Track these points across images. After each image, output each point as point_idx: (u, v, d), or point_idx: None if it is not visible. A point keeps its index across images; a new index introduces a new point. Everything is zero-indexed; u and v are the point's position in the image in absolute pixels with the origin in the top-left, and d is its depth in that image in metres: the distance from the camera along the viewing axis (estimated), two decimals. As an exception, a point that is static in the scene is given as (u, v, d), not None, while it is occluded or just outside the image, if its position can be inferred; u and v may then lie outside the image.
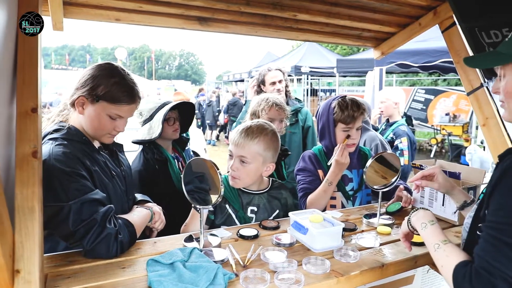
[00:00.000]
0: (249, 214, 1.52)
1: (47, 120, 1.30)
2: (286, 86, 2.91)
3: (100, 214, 1.12)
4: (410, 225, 1.08)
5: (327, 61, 11.02)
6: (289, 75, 11.24)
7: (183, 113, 2.03)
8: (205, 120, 11.33)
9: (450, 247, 0.90)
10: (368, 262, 1.16)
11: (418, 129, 9.78)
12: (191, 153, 2.22)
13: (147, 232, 1.48)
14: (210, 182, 1.26)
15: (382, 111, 3.03)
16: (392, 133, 2.86)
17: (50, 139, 1.18)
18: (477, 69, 1.96)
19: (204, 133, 11.02)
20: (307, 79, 11.43)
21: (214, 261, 1.10)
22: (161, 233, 1.46)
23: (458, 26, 1.96)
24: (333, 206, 1.75)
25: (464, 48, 2.01)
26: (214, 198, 1.22)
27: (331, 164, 1.67)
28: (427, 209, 1.08)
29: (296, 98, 3.02)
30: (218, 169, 1.20)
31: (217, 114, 11.27)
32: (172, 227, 1.54)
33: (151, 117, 1.87)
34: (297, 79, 11.20)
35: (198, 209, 1.24)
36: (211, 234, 1.32)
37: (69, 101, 1.27)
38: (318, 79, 13.45)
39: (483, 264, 0.77)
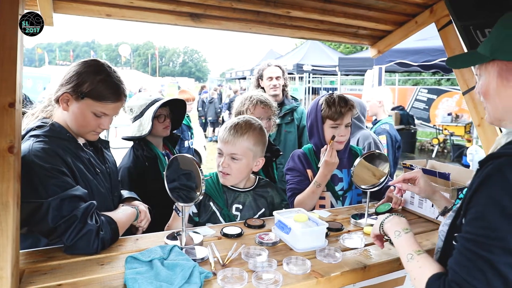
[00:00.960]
0: (234, 212, 1.50)
1: (31, 116, 1.29)
2: (285, 85, 2.88)
3: (80, 210, 1.11)
4: (382, 230, 1.05)
5: (330, 60, 10.96)
6: (291, 73, 11.18)
7: (175, 110, 2.02)
8: (207, 117, 11.35)
9: (423, 258, 0.85)
10: (351, 263, 1.15)
11: (420, 128, 9.72)
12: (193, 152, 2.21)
13: (133, 230, 1.48)
14: (197, 180, 1.25)
15: (367, 110, 3.03)
16: (374, 131, 2.87)
17: (31, 135, 1.17)
18: (473, 68, 1.93)
19: (205, 130, 11.03)
20: (309, 77, 11.37)
21: (194, 259, 1.09)
22: (150, 230, 1.45)
23: (454, 25, 1.93)
24: (322, 206, 1.74)
25: (460, 46, 1.98)
26: (196, 195, 1.21)
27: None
28: (402, 216, 1.05)
29: (292, 97, 2.99)
30: (200, 167, 1.19)
31: (219, 111, 11.27)
32: (160, 224, 1.53)
33: (141, 114, 1.86)
34: (299, 77, 11.14)
35: (178, 211, 1.24)
36: (194, 232, 1.31)
37: (54, 97, 1.26)
38: (321, 78, 13.38)
39: (456, 278, 0.73)
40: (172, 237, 1.27)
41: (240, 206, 1.51)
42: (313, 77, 11.82)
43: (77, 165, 1.22)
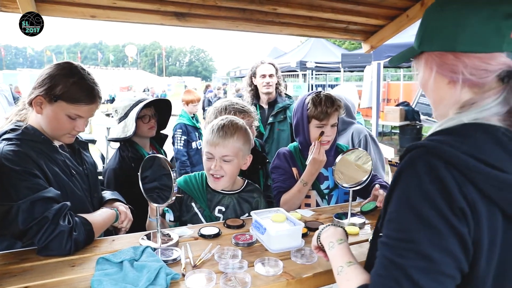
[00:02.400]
0: (216, 213, 1.49)
1: (5, 120, 1.30)
2: (278, 83, 2.87)
3: (52, 212, 1.11)
4: (319, 242, 0.99)
5: (334, 56, 10.86)
6: (294, 71, 11.05)
7: (161, 110, 2.01)
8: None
9: (352, 269, 0.78)
10: (325, 264, 1.12)
11: (426, 124, 9.54)
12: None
13: (117, 231, 1.48)
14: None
15: None
16: None
17: (3, 139, 1.17)
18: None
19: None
20: (312, 74, 11.27)
21: (165, 260, 1.08)
22: (134, 230, 1.43)
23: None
24: (307, 205, 1.71)
25: (450, 40, 1.92)
26: (171, 197, 1.20)
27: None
28: (338, 226, 0.99)
29: (286, 95, 2.97)
30: (172, 167, 1.18)
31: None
32: (145, 224, 1.53)
33: (126, 115, 1.86)
34: (302, 75, 11.06)
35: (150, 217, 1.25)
36: (170, 232, 1.30)
37: (27, 100, 1.26)
38: (325, 75, 13.26)
39: None
40: (148, 237, 1.27)
41: (223, 209, 1.50)
42: (317, 74, 11.72)
43: (51, 167, 1.22)
